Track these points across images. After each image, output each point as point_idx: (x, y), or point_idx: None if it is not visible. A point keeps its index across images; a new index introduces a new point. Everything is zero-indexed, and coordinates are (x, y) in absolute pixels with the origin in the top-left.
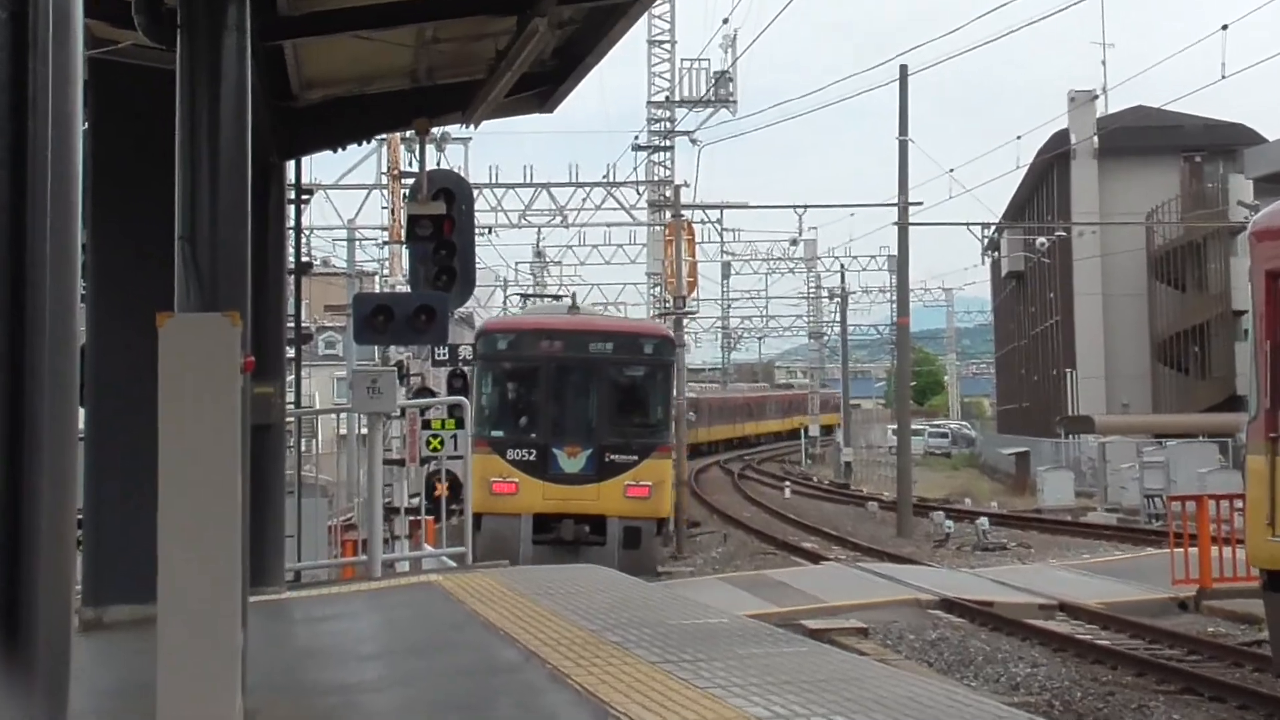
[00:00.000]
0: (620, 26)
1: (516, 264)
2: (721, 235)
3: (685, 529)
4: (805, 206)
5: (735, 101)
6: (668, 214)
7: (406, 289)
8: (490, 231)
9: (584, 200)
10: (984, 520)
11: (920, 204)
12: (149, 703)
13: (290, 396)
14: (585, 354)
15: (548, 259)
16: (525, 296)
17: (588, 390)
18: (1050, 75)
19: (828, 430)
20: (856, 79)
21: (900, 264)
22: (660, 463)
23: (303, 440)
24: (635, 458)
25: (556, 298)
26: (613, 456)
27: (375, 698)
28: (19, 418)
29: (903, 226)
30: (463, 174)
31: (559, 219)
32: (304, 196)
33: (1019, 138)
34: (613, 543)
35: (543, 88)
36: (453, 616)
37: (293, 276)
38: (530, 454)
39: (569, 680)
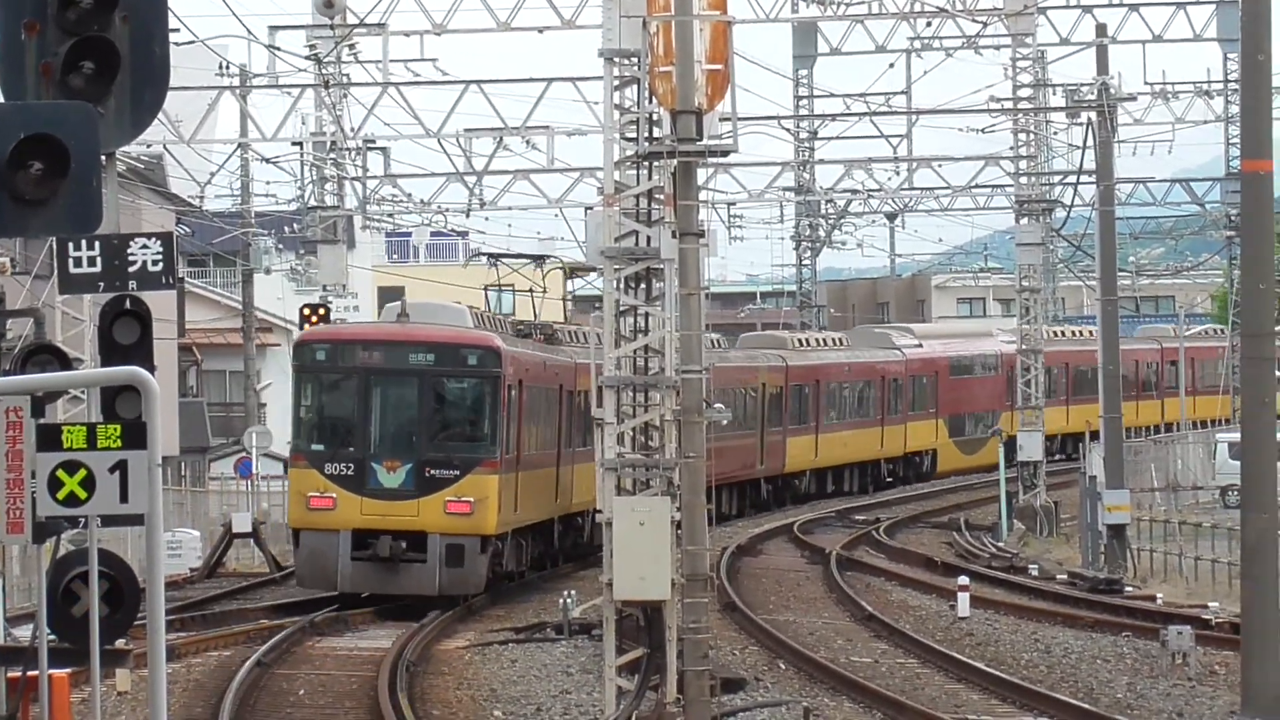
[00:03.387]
0: None
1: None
2: None
3: (707, 696)
4: None
5: None
6: None
7: None
8: None
9: None
10: None
11: None
12: None
13: None
14: (405, 365)
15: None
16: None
17: (408, 403)
18: None
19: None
20: None
21: None
22: (485, 478)
23: None
24: (457, 473)
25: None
26: (433, 471)
27: None
28: None
29: None
30: None
31: None
32: None
33: None
34: (434, 560)
35: None
36: None
37: None
38: (348, 468)
39: None
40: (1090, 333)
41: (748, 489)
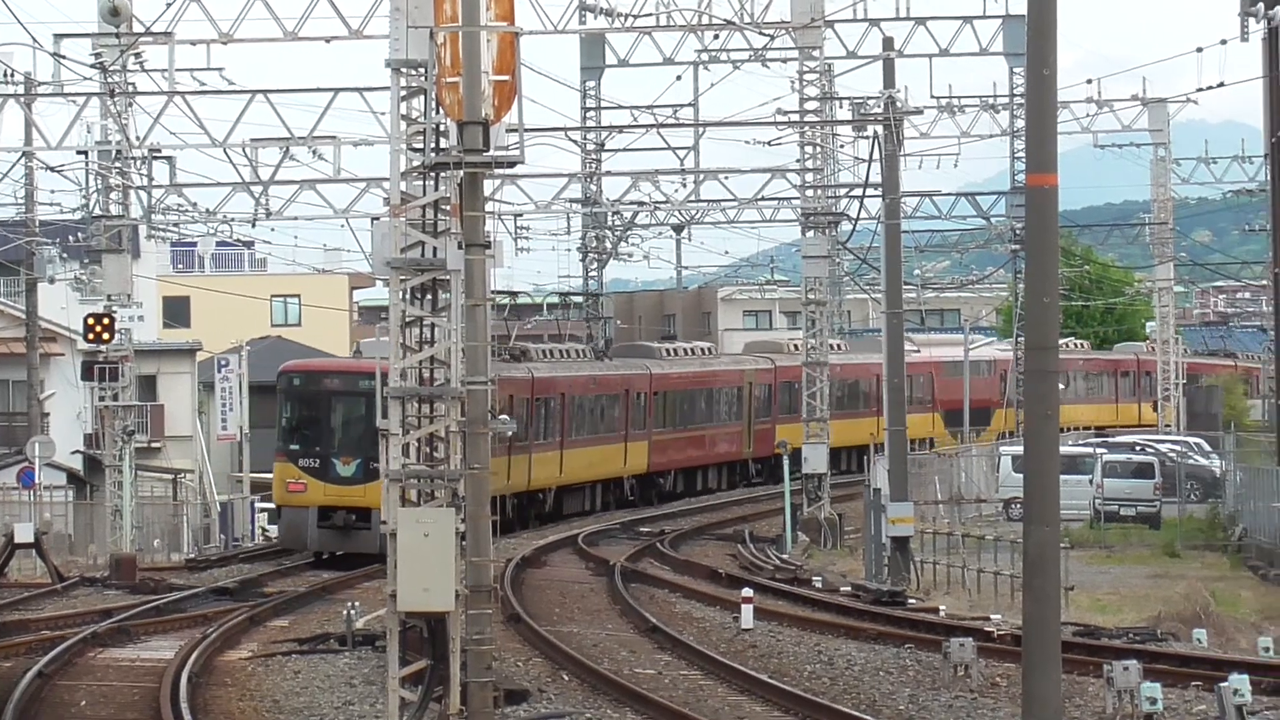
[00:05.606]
0: None
1: None
2: None
3: (491, 708)
4: None
5: None
6: None
7: None
8: None
9: None
10: (1239, 682)
11: None
12: None
13: None
14: (355, 389)
15: None
16: None
17: (357, 416)
18: None
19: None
20: None
21: None
22: None
23: None
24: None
25: None
26: (374, 464)
27: None
28: None
29: None
30: None
31: None
32: None
33: None
34: (375, 528)
35: None
36: None
37: None
38: (315, 462)
39: None
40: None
41: (612, 487)
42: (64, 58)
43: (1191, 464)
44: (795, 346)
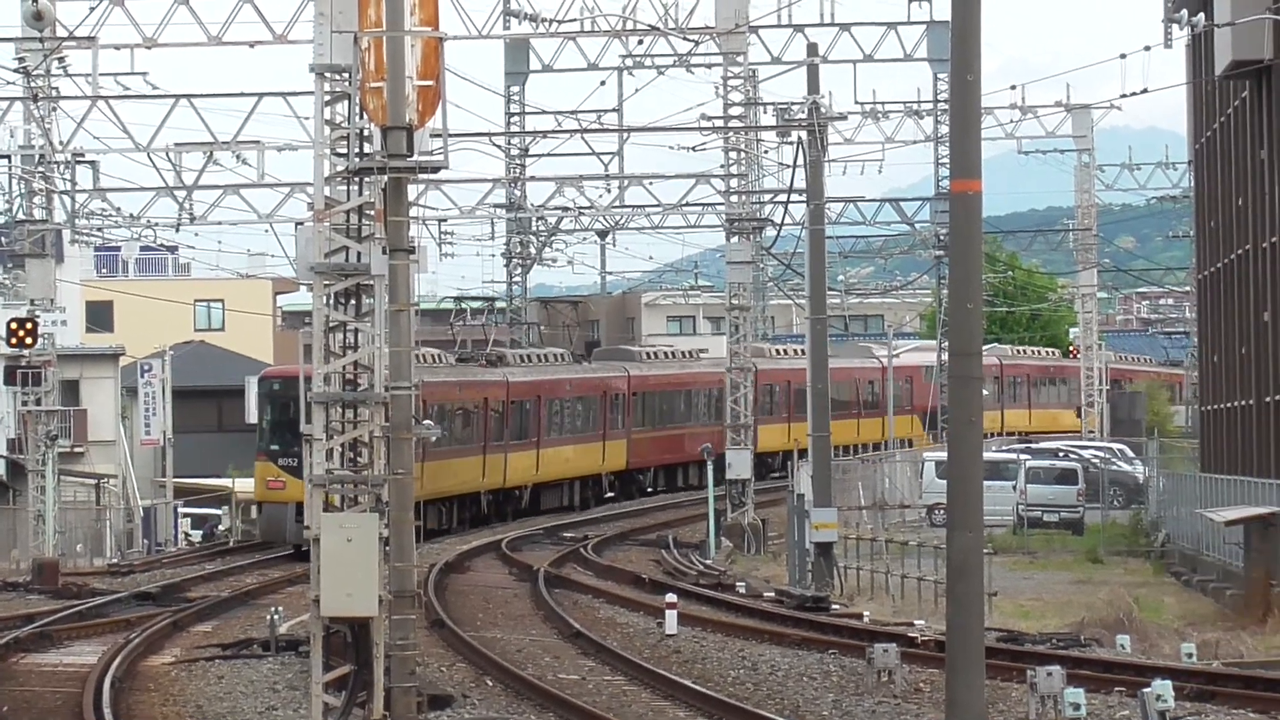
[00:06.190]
0: None
1: None
2: None
3: (414, 713)
4: None
5: None
6: None
7: None
8: None
9: None
10: (1162, 688)
11: None
12: None
13: None
14: None
15: None
16: None
17: None
18: None
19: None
20: None
21: None
22: None
23: None
24: None
25: None
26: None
27: None
28: None
29: None
30: None
31: None
32: None
33: None
34: None
35: None
36: None
37: None
38: (294, 461)
39: None
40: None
41: (590, 483)
42: None
43: (1115, 470)
44: (778, 351)
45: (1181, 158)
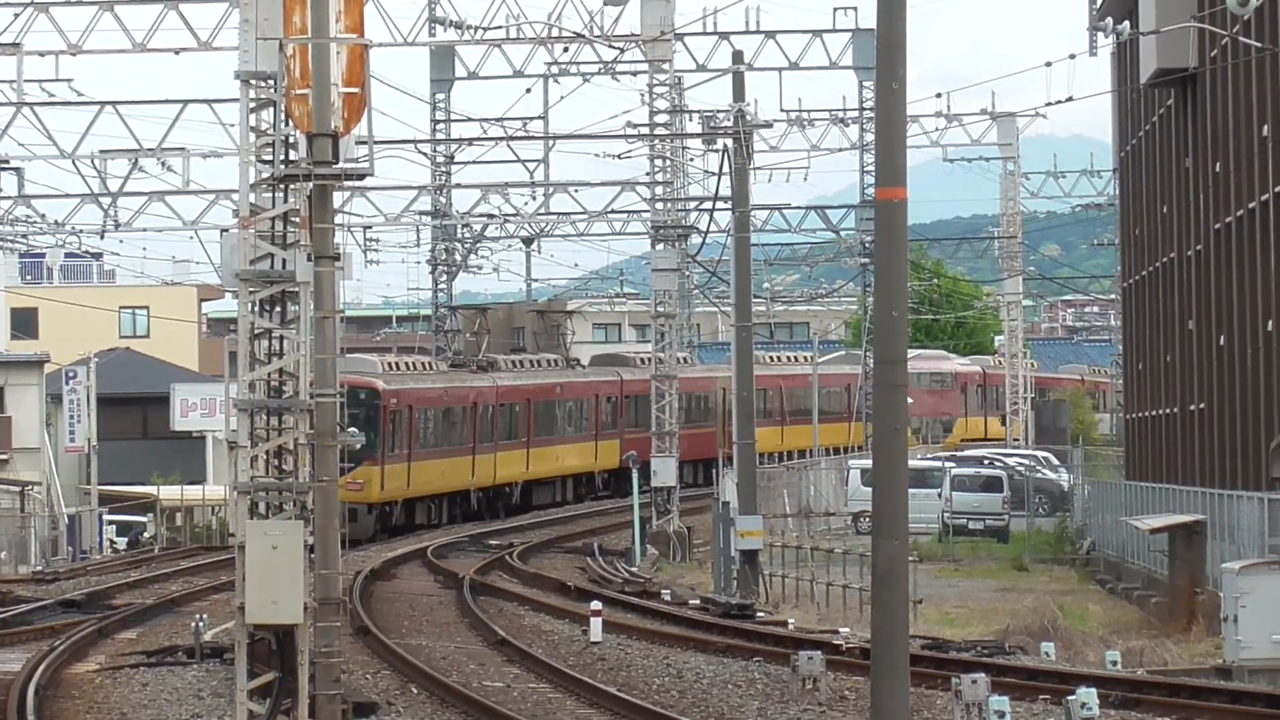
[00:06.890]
0: None
1: None
2: None
3: None
4: None
5: None
6: None
7: None
8: None
9: None
10: (1086, 695)
11: None
12: None
13: None
14: None
15: None
16: None
17: None
18: None
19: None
20: None
21: None
22: (370, 468)
23: None
24: (353, 465)
25: None
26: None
27: None
28: None
29: None
30: None
31: None
32: None
33: None
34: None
35: None
36: None
37: None
38: None
39: None
40: (805, 358)
41: (583, 481)
42: None
43: (1040, 478)
44: (771, 359)
45: (1106, 166)
